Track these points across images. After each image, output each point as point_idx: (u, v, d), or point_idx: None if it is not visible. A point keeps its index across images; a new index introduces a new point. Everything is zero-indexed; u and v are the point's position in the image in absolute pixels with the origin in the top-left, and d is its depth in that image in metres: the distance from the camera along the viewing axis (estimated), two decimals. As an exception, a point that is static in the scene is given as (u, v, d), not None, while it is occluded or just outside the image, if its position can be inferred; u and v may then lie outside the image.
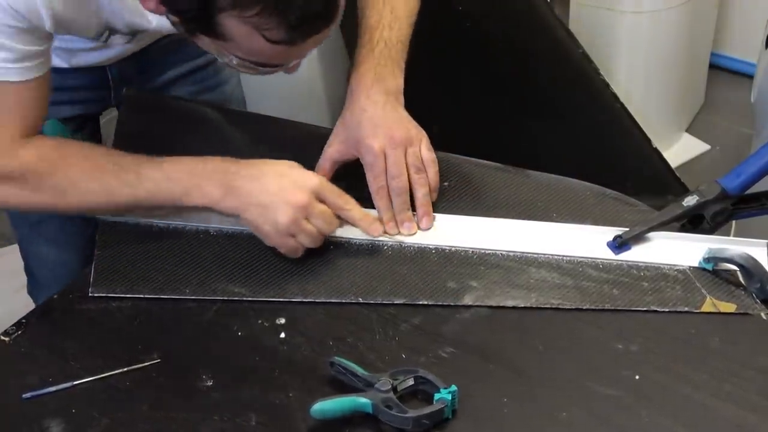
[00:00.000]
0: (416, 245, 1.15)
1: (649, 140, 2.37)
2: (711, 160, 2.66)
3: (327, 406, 0.94)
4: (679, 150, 2.67)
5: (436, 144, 2.79)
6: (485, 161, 1.29)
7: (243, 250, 1.16)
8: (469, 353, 1.02)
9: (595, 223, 1.18)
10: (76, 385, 1.02)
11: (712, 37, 2.76)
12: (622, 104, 2.32)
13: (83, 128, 1.42)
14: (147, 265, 1.14)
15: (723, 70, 2.93)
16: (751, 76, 2.24)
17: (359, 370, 0.97)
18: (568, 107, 2.40)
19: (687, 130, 2.74)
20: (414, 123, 1.22)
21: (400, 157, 1.17)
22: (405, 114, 1.22)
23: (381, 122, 1.18)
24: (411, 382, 0.97)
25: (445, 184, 1.23)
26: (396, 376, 0.96)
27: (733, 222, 2.39)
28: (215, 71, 1.48)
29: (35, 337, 1.10)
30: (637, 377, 0.99)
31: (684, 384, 0.97)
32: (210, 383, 1.02)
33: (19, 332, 1.10)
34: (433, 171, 1.20)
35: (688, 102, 2.75)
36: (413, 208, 1.18)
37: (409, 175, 1.18)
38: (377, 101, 1.19)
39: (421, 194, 1.18)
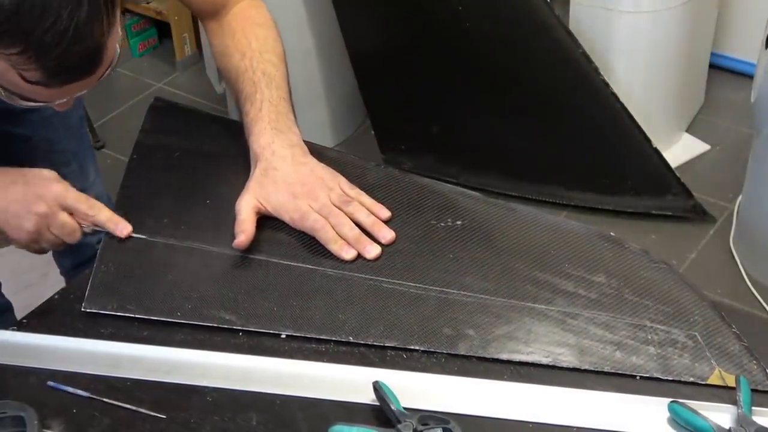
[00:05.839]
0: (417, 287, 1.12)
1: (649, 140, 2.37)
2: (711, 160, 2.66)
3: (345, 431, 0.93)
4: (679, 150, 2.67)
5: (437, 144, 2.80)
6: (496, 200, 1.25)
7: (241, 275, 1.14)
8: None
9: (609, 277, 1.13)
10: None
11: (712, 37, 2.76)
12: (622, 104, 2.32)
13: None
14: (143, 284, 1.13)
15: (723, 70, 2.93)
16: (751, 76, 2.24)
17: (394, 402, 0.95)
18: (568, 107, 2.41)
19: (687, 130, 2.74)
20: (326, 169, 1.21)
21: (325, 202, 1.17)
22: (314, 162, 1.21)
23: (295, 179, 1.18)
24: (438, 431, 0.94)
25: (458, 222, 1.21)
26: (425, 421, 0.94)
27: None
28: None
29: (35, 337, 1.09)
30: None
31: None
32: (210, 383, 1.02)
33: (20, 332, 1.10)
34: (362, 198, 1.19)
35: (688, 102, 2.75)
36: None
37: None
38: (285, 156, 1.19)
39: (364, 216, 1.17)
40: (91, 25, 0.92)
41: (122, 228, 1.17)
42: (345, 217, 1.17)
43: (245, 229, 1.15)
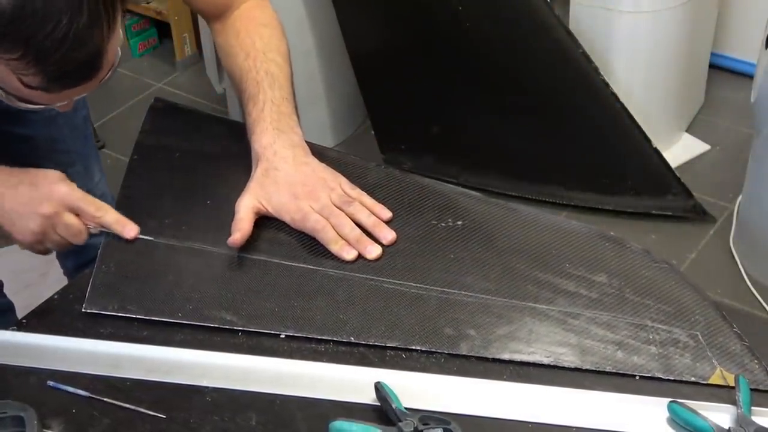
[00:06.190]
0: (419, 287, 1.12)
1: (649, 140, 2.37)
2: (711, 160, 2.66)
3: (345, 427, 0.94)
4: (679, 150, 2.67)
5: (437, 144, 2.80)
6: (497, 200, 1.24)
7: (242, 276, 1.13)
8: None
9: (610, 276, 1.13)
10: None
11: (712, 37, 2.76)
12: (622, 104, 2.32)
13: None
14: (143, 284, 1.13)
15: (723, 70, 2.93)
16: (751, 76, 2.24)
17: (395, 401, 0.95)
18: (568, 107, 2.41)
19: (687, 130, 2.74)
20: (328, 169, 1.21)
21: (326, 202, 1.17)
22: (315, 162, 1.21)
23: (296, 179, 1.18)
24: None
25: (459, 222, 1.21)
26: (426, 421, 0.94)
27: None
28: None
29: (35, 337, 1.09)
30: None
31: None
32: (210, 383, 1.02)
33: (20, 332, 1.10)
34: (363, 199, 1.19)
35: (688, 102, 2.75)
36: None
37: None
38: (286, 156, 1.19)
39: (365, 216, 1.18)
40: (91, 30, 0.92)
41: (129, 230, 1.16)
42: (346, 217, 1.17)
43: (241, 227, 1.15)
